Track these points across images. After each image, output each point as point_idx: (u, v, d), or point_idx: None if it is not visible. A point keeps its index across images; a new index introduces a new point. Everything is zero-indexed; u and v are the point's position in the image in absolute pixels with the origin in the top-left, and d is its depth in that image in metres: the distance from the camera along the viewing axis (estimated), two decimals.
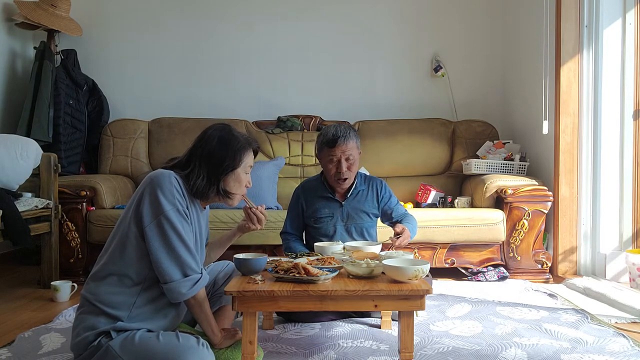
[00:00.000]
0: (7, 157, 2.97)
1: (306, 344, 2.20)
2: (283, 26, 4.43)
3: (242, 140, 1.88)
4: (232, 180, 1.86)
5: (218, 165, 1.83)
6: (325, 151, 2.54)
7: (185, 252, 1.69)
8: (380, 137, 4.06)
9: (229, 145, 1.85)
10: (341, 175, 2.53)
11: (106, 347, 1.65)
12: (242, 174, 1.88)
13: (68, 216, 3.34)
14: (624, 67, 3.32)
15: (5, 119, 3.93)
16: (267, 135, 4.13)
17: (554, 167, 3.52)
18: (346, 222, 2.61)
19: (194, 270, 1.70)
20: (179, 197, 1.73)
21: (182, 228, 1.70)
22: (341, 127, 2.56)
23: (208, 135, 1.88)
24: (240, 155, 1.85)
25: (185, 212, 1.74)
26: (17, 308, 2.82)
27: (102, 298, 1.69)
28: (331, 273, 1.82)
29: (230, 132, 1.89)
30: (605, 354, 2.06)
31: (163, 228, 1.68)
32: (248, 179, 1.92)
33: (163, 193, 1.70)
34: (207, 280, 1.77)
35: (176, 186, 1.73)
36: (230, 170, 1.84)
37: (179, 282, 1.68)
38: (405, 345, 1.75)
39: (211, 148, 1.84)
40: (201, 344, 1.65)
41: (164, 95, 4.39)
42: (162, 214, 1.68)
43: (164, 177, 1.73)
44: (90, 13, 4.36)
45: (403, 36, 4.43)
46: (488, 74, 4.42)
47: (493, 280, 3.36)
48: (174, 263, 1.68)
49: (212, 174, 1.82)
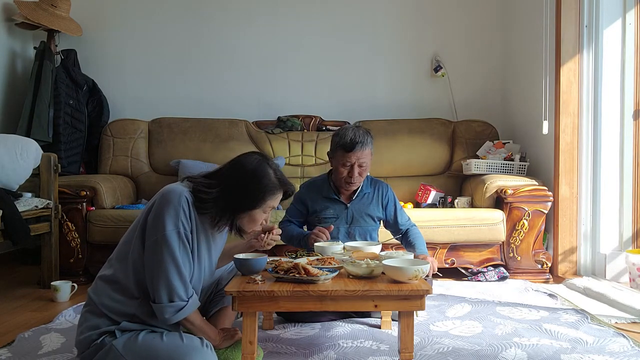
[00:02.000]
0: (7, 157, 2.97)
1: (306, 344, 2.20)
2: (283, 26, 4.43)
3: (274, 180, 1.77)
4: (247, 218, 1.77)
5: (239, 197, 1.73)
6: (340, 154, 2.49)
7: (176, 276, 1.64)
8: (380, 137, 4.05)
9: (259, 182, 1.74)
10: (352, 180, 2.51)
11: (109, 346, 1.65)
12: (260, 213, 1.78)
13: (68, 216, 3.34)
14: (624, 67, 3.32)
15: (5, 119, 3.93)
16: (267, 135, 4.13)
17: (554, 167, 3.52)
18: (350, 224, 2.60)
19: (180, 297, 1.65)
20: (184, 220, 1.67)
21: (178, 252, 1.65)
22: (359, 132, 2.49)
23: (243, 162, 1.78)
24: (264, 196, 1.75)
25: (187, 236, 1.67)
26: (17, 308, 2.82)
27: (105, 303, 1.69)
28: (331, 273, 1.82)
29: (266, 168, 1.77)
30: (605, 354, 2.06)
31: (160, 248, 1.64)
32: (265, 217, 1.83)
33: (168, 212, 1.65)
34: (193, 308, 1.70)
35: (184, 207, 1.67)
36: (248, 208, 1.76)
37: (163, 306, 1.64)
38: (405, 345, 1.75)
39: (239, 177, 1.75)
40: (205, 345, 1.66)
41: (164, 95, 4.39)
42: (162, 234, 1.64)
43: (175, 195, 1.67)
44: (90, 13, 4.36)
45: (403, 36, 4.43)
46: (488, 74, 4.42)
47: (493, 281, 3.36)
48: (163, 285, 1.64)
49: (229, 205, 1.73)
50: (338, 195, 2.62)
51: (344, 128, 2.56)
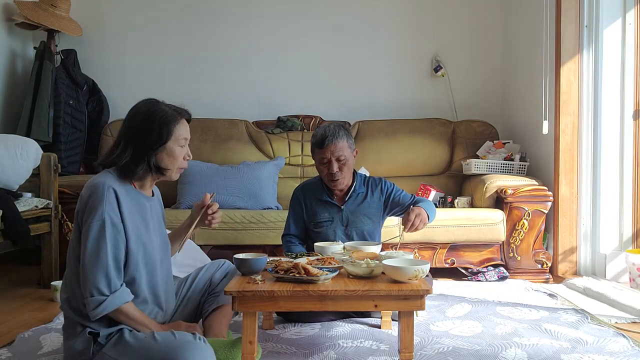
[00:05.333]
0: (7, 157, 2.97)
1: (306, 344, 2.20)
2: (283, 26, 4.43)
3: (168, 111, 1.77)
4: (165, 156, 1.76)
5: (143, 141, 1.73)
6: (317, 152, 2.51)
7: (97, 269, 1.62)
8: (380, 137, 4.06)
9: (153, 118, 1.74)
10: (333, 177, 2.49)
11: (100, 354, 1.65)
12: (176, 147, 1.77)
13: (68, 216, 3.34)
14: (624, 67, 3.32)
15: (5, 119, 3.93)
16: (267, 135, 4.13)
17: (554, 167, 3.52)
18: (346, 226, 2.56)
19: (99, 291, 1.62)
20: (110, 209, 1.65)
21: (99, 243, 1.63)
22: (330, 127, 2.50)
23: (133, 111, 1.79)
24: (168, 128, 1.75)
25: (114, 224, 1.65)
26: (17, 308, 2.82)
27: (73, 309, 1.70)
28: (331, 273, 1.82)
29: (156, 104, 1.79)
30: (605, 354, 2.06)
31: (84, 241, 1.64)
32: (185, 152, 1.81)
33: (93, 206, 1.65)
34: (118, 302, 1.65)
35: (109, 197, 1.66)
36: (158, 145, 1.74)
37: (87, 301, 1.63)
38: (405, 345, 1.75)
39: (135, 123, 1.75)
40: (198, 338, 1.64)
41: (163, 96, 4.23)
42: (85, 228, 1.64)
43: (98, 187, 1.67)
44: (90, 13, 4.36)
45: (403, 36, 4.43)
46: (488, 74, 4.42)
47: (493, 280, 3.36)
48: (85, 279, 1.64)
49: (139, 151, 1.73)
50: (332, 197, 2.59)
51: (318, 127, 2.56)
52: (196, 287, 2.05)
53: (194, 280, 2.06)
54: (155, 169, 1.77)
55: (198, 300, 2.04)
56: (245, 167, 3.79)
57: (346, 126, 2.60)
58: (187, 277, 2.09)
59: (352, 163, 2.54)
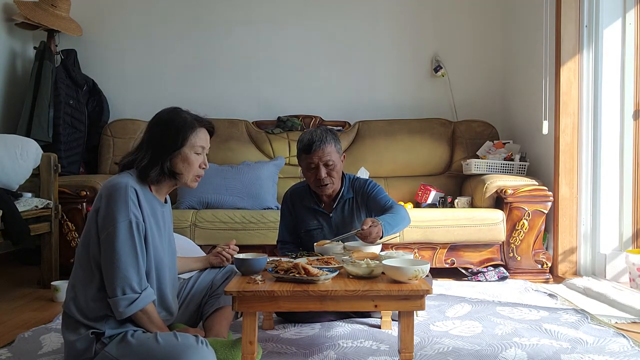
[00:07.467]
0: (7, 157, 2.97)
1: (306, 344, 2.20)
2: (283, 26, 4.43)
3: (188, 119, 1.82)
4: (180, 161, 1.80)
5: (160, 145, 1.78)
6: (303, 158, 2.44)
7: (130, 268, 1.65)
8: (380, 137, 4.06)
9: (172, 124, 1.80)
10: (321, 183, 2.42)
11: (102, 354, 1.65)
12: (192, 154, 1.81)
13: (68, 216, 3.34)
14: (624, 67, 3.32)
15: (5, 119, 3.93)
16: (267, 135, 4.13)
17: (554, 167, 3.52)
18: (336, 233, 2.47)
19: (132, 289, 1.65)
20: (135, 210, 1.69)
21: (131, 243, 1.66)
22: (317, 131, 2.44)
23: (156, 117, 1.85)
24: (183, 134, 1.79)
25: (139, 225, 1.69)
26: (17, 308, 2.82)
27: (77, 310, 1.70)
28: (331, 273, 1.82)
29: (178, 112, 1.84)
30: (605, 354, 2.06)
31: (112, 240, 1.65)
32: (202, 159, 1.85)
33: (118, 205, 1.67)
34: (147, 300, 1.70)
35: (132, 197, 1.69)
36: (172, 150, 1.78)
37: (117, 299, 1.65)
38: (405, 345, 1.75)
39: (155, 128, 1.82)
40: (200, 342, 1.64)
41: (164, 95, 4.39)
42: (113, 227, 1.65)
43: (121, 187, 1.69)
44: (90, 13, 4.36)
45: (403, 36, 4.42)
46: (488, 74, 4.41)
47: (493, 281, 3.36)
48: (116, 278, 1.64)
49: (156, 154, 1.77)
50: (319, 204, 2.54)
51: (304, 132, 2.51)
52: (198, 288, 2.06)
53: (196, 282, 2.08)
54: (169, 173, 1.80)
55: (199, 301, 2.05)
56: (245, 167, 3.79)
57: (334, 130, 2.55)
58: (189, 278, 2.10)
59: (340, 168, 2.48)
